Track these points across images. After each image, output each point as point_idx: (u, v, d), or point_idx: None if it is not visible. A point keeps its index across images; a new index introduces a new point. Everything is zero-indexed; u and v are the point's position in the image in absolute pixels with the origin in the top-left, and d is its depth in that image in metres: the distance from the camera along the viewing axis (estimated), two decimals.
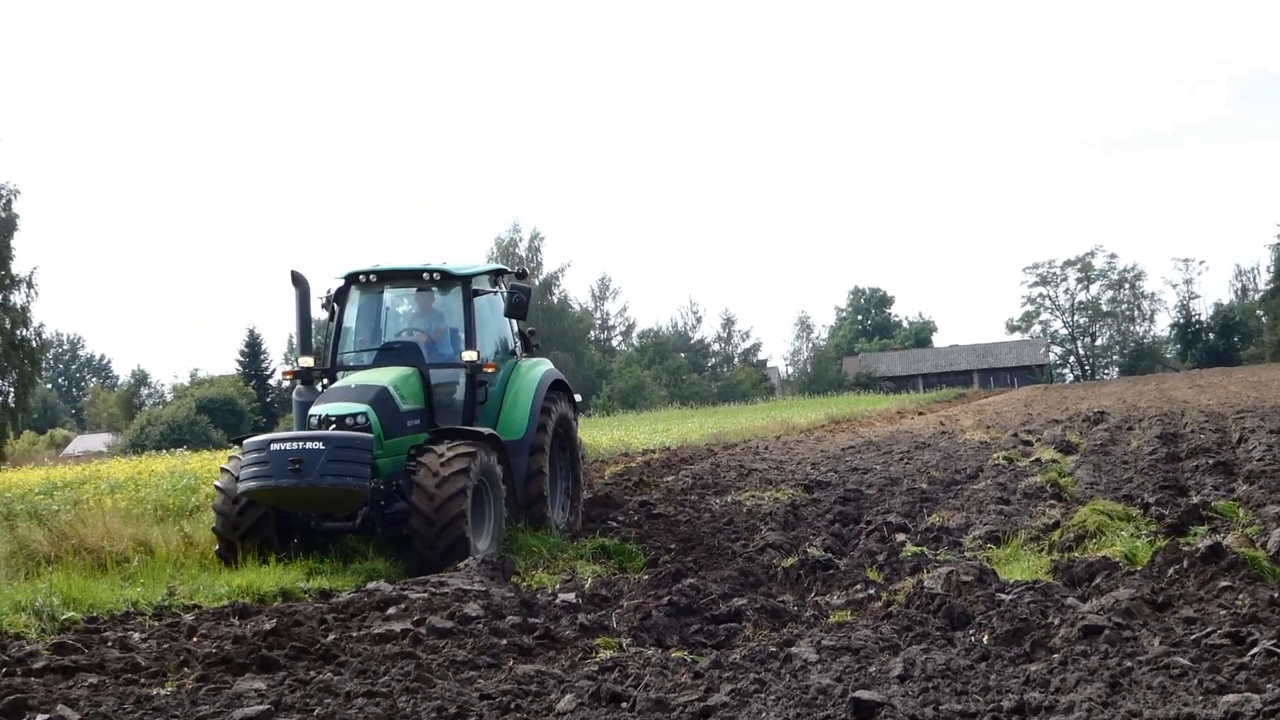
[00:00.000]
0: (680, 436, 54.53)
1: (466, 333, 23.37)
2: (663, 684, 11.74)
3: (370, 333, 24.03)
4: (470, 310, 23.43)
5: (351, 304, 23.89)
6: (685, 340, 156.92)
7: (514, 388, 24.09)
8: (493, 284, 24.59)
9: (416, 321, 24.17)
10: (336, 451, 20.52)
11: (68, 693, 12.35)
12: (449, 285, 23.73)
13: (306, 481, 20.31)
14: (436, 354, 23.56)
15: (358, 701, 11.45)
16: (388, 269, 23.83)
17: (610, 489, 31.66)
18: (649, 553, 22.22)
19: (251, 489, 20.65)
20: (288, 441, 20.61)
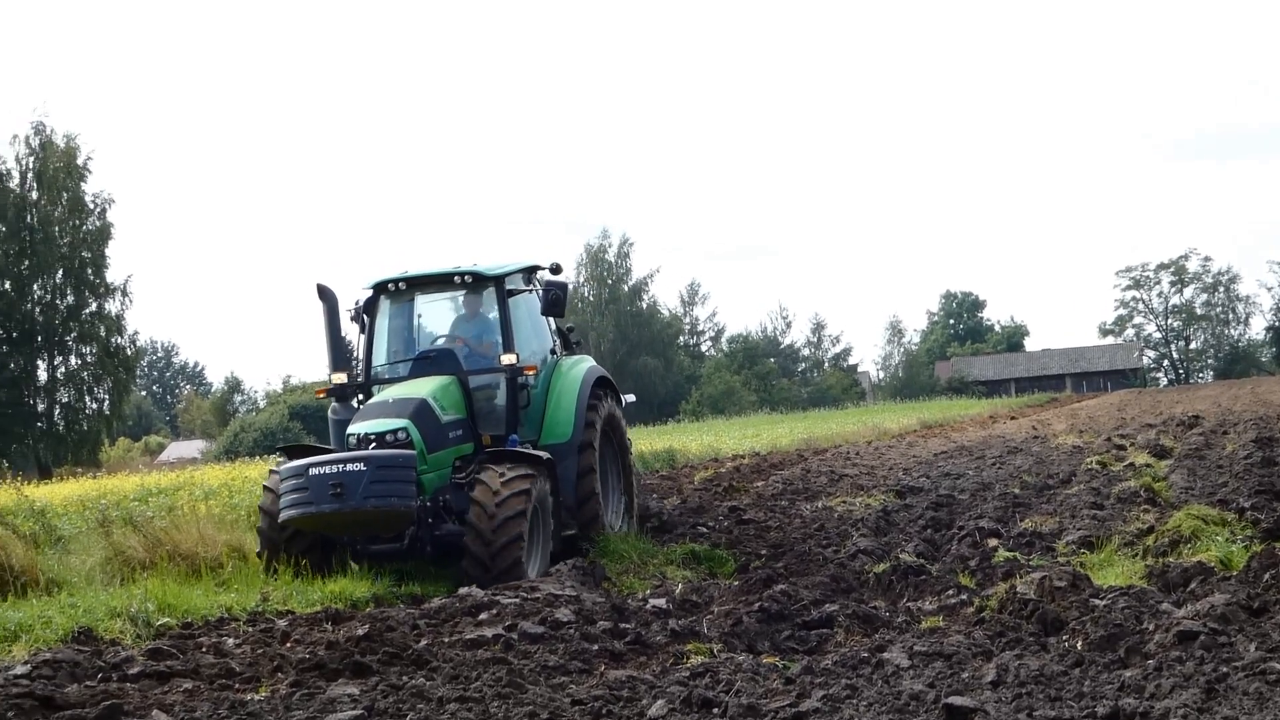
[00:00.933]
0: (770, 442, 54.47)
1: (503, 335, 22.55)
2: (754, 690, 11.71)
3: (404, 343, 23.35)
4: (506, 311, 22.62)
5: (382, 314, 23.19)
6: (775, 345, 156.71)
7: (556, 388, 23.34)
8: (526, 282, 23.74)
9: (451, 328, 23.42)
10: (379, 472, 19.69)
11: (163, 698, 12.44)
12: (481, 287, 22.97)
13: (349, 506, 19.53)
14: (474, 360, 22.75)
15: (450, 707, 11.47)
16: (417, 275, 23.08)
17: (700, 494, 31.66)
18: (739, 558, 22.20)
19: (293, 517, 19.90)
20: (327, 465, 19.77)
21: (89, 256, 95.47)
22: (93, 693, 12.51)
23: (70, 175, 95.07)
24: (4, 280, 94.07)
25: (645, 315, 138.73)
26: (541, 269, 23.93)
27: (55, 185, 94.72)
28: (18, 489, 31.10)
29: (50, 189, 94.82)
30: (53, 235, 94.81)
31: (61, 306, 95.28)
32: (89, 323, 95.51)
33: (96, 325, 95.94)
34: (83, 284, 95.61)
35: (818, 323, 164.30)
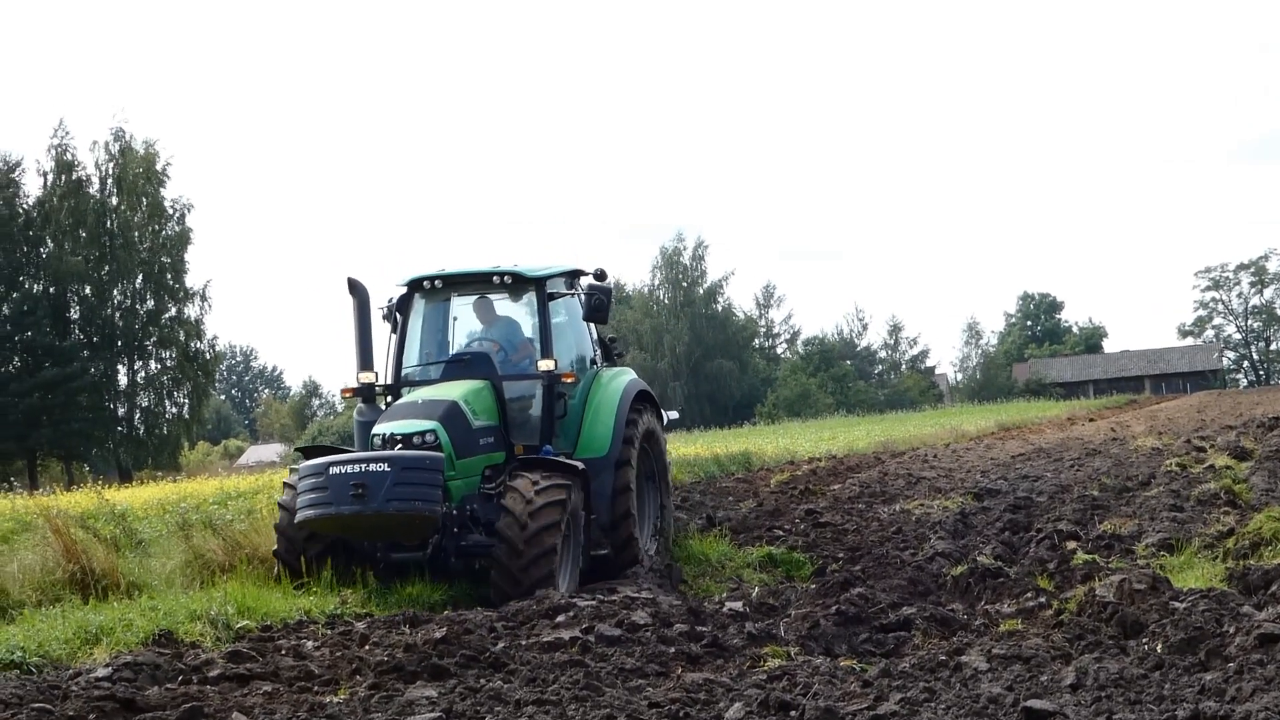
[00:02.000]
0: (847, 444, 54.33)
1: (542, 340, 21.43)
2: (831, 692, 11.69)
3: (437, 344, 22.32)
4: (546, 315, 21.52)
5: (415, 313, 22.18)
6: (851, 347, 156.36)
7: (595, 400, 22.07)
8: (569, 287, 22.43)
9: (487, 330, 22.24)
10: (404, 474, 18.64)
11: (242, 701, 12.51)
12: (521, 289, 21.93)
13: (371, 508, 18.45)
14: (510, 365, 21.72)
15: (528, 709, 11.50)
16: (454, 273, 22.06)
17: (776, 497, 31.62)
18: (816, 561, 22.16)
19: (310, 518, 18.85)
20: (349, 464, 18.77)
21: (168, 261, 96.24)
22: (173, 695, 12.60)
23: (150, 181, 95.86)
24: (85, 285, 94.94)
25: (720, 318, 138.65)
26: (585, 274, 22.80)
27: (135, 191, 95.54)
28: (99, 492, 31.29)
29: (130, 195, 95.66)
30: (132, 240, 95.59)
31: (141, 311, 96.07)
32: (168, 327, 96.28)
33: (176, 330, 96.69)
34: (162, 289, 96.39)
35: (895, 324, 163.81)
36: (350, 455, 19.22)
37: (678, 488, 34.92)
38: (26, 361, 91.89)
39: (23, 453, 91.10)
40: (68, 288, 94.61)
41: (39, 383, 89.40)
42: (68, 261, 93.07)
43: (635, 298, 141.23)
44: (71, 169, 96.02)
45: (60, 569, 19.09)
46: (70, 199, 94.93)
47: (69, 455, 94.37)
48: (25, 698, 12.42)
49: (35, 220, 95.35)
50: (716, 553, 22.76)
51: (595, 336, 23.20)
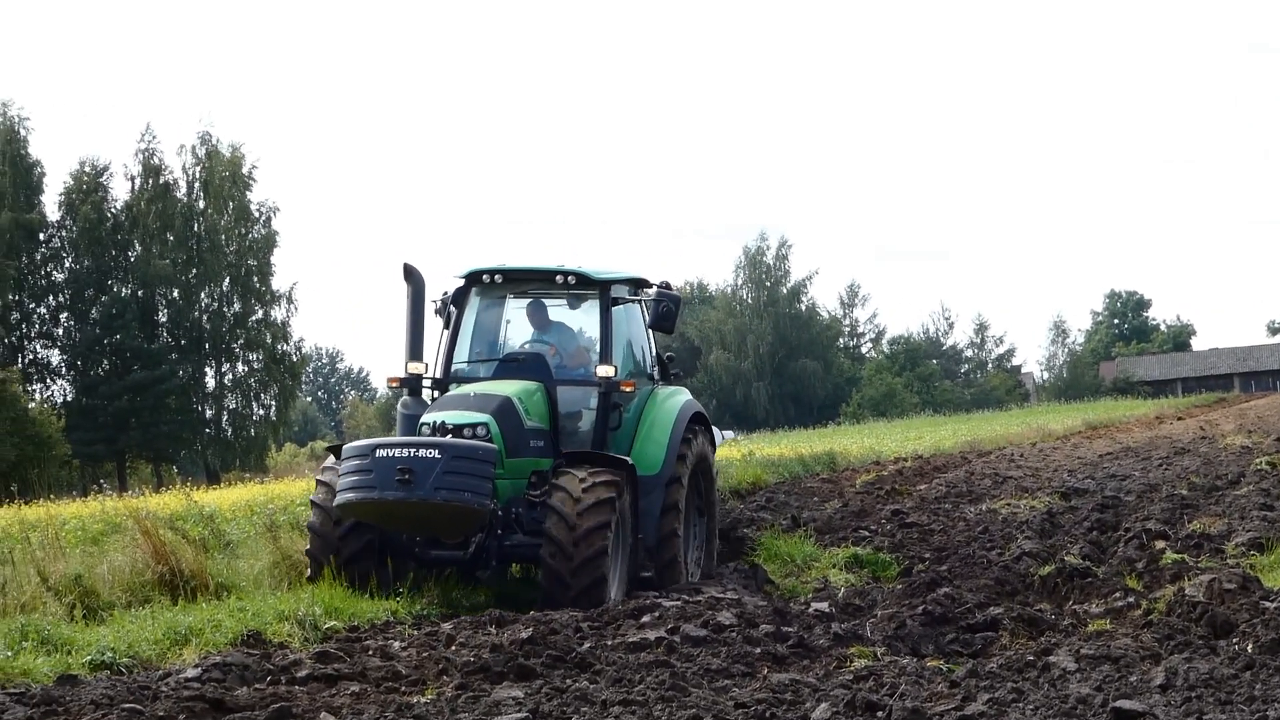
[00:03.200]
0: (933, 444, 54.14)
1: (603, 345, 20.53)
2: (919, 693, 11.65)
3: (490, 342, 21.40)
4: (608, 320, 20.60)
5: (470, 308, 21.20)
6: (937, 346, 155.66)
7: (649, 417, 20.93)
8: (631, 294, 21.39)
9: (544, 332, 21.36)
10: (455, 462, 17.87)
11: (330, 701, 12.58)
12: (584, 291, 20.96)
13: (417, 495, 17.68)
14: (565, 370, 20.87)
15: (614, 710, 11.51)
16: (515, 269, 21.17)
17: (862, 498, 31.56)
18: (903, 562, 22.09)
19: (350, 501, 18.04)
20: (397, 447, 18.06)
21: (255, 264, 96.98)
22: (262, 695, 12.68)
23: (236, 184, 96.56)
24: (173, 289, 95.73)
25: (804, 317, 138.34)
26: (649, 284, 21.71)
27: (221, 194, 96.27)
28: (187, 494, 31.50)
29: (216, 198, 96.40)
30: (219, 244, 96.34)
31: (228, 314, 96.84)
32: (255, 330, 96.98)
33: (262, 332, 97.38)
34: (249, 292, 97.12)
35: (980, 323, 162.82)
36: (399, 439, 18.54)
37: (761, 488, 34.89)
38: (115, 364, 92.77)
39: (112, 455, 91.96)
40: (156, 291, 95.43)
41: (128, 385, 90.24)
42: (155, 265, 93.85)
43: (718, 298, 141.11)
44: (159, 173, 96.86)
45: (149, 570, 19.22)
46: (158, 203, 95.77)
47: (158, 457, 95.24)
48: (116, 698, 12.52)
49: (123, 224, 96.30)
50: (802, 553, 22.73)
51: (655, 352, 22.09)
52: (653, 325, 21.36)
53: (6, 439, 72.27)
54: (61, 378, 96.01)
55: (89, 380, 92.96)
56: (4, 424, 72.81)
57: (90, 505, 32.28)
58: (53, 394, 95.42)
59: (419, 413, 19.79)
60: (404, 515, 18.15)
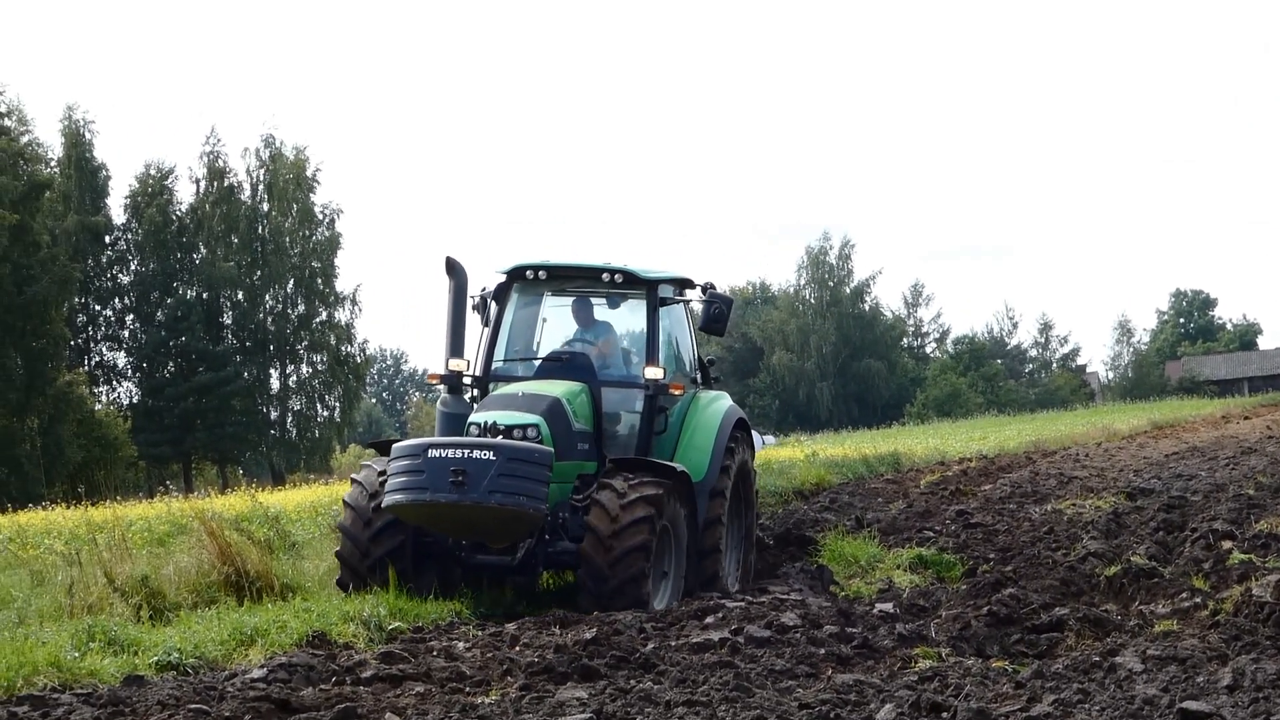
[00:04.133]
0: (997, 444, 53.93)
1: (649, 346, 19.99)
2: (984, 694, 11.62)
3: (530, 340, 20.85)
4: (655, 320, 20.08)
5: (511, 305, 20.66)
6: (1001, 346, 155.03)
7: (692, 422, 20.40)
8: (677, 294, 20.90)
9: (588, 330, 20.80)
10: (511, 464, 17.42)
11: (395, 701, 12.62)
12: (631, 290, 20.43)
13: (470, 498, 17.23)
14: (609, 371, 20.34)
15: (678, 710, 11.51)
16: (560, 265, 20.56)
17: (926, 498, 31.48)
18: (967, 562, 22.01)
19: (399, 503, 17.62)
20: (450, 448, 17.61)
21: (319, 266, 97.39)
22: (327, 696, 12.73)
23: (299, 186, 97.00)
24: (237, 290, 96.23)
25: (868, 317, 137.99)
26: (694, 285, 21.12)
27: (285, 197, 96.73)
28: (252, 495, 31.65)
29: (281, 200, 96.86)
30: (283, 246, 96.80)
31: (293, 316, 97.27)
32: (320, 331, 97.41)
33: (327, 334, 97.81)
34: (313, 293, 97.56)
35: (1045, 323, 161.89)
36: (452, 439, 18.03)
37: (825, 489, 34.84)
38: (181, 366, 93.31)
39: (178, 456, 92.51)
40: (220, 293, 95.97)
41: (193, 387, 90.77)
42: (220, 267, 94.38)
43: (780, 298, 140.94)
44: (223, 176, 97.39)
45: (215, 571, 19.31)
46: (222, 205, 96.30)
47: (223, 458, 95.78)
48: (182, 699, 12.60)
49: (188, 227, 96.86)
50: (866, 554, 22.68)
51: (697, 356, 21.61)
52: (704, 327, 20.86)
53: (74, 441, 72.83)
54: (128, 380, 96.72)
55: (155, 382, 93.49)
56: (71, 426, 73.39)
57: (156, 506, 32.49)
58: (119, 396, 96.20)
59: (459, 411, 19.49)
60: (455, 518, 17.72)
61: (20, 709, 12.30)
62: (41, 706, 12.46)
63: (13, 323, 71.94)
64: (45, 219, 79.59)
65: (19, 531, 29.19)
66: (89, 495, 39.47)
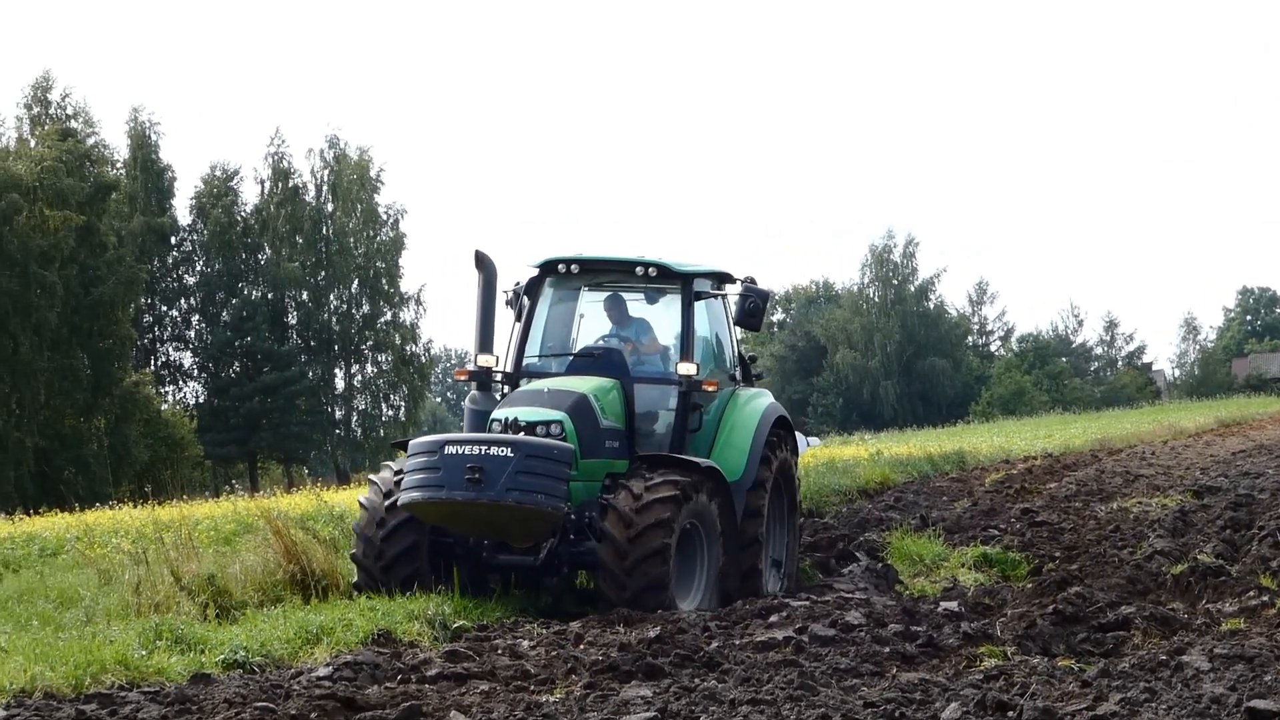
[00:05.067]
0: (1063, 442, 53.71)
1: (683, 342, 19.48)
2: (1049, 693, 11.57)
3: (564, 336, 20.41)
4: (690, 315, 19.55)
5: (544, 299, 20.20)
6: (1066, 344, 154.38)
7: (730, 420, 19.82)
8: (715, 289, 20.31)
9: (622, 326, 20.30)
10: (529, 461, 17.08)
11: (460, 699, 12.65)
12: (666, 284, 19.92)
13: (487, 496, 16.90)
14: (643, 367, 19.93)
15: (742, 709, 11.51)
16: (592, 259, 20.10)
17: (991, 496, 31.39)
18: (1032, 561, 21.92)
19: (415, 501, 17.37)
20: (467, 444, 17.29)
21: (383, 266, 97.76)
22: (392, 694, 12.78)
23: (364, 187, 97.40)
24: (302, 291, 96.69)
25: (932, 315, 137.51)
26: (733, 279, 20.51)
27: (350, 197, 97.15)
28: (317, 494, 31.78)
29: (345, 201, 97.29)
30: (348, 246, 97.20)
31: (357, 316, 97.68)
32: (384, 331, 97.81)
33: (391, 334, 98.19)
34: (377, 294, 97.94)
35: (1110, 320, 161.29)
36: (469, 435, 17.80)
37: (890, 488, 34.76)
38: (246, 366, 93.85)
39: (244, 455, 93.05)
40: (285, 293, 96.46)
41: (259, 387, 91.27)
42: (285, 268, 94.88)
43: (844, 296, 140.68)
44: (288, 176, 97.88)
45: (281, 570, 19.40)
46: (287, 206, 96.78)
47: (288, 458, 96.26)
48: (249, 697, 12.66)
49: (253, 228, 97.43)
50: (930, 553, 22.62)
51: (737, 352, 20.98)
52: (739, 322, 20.20)
53: (140, 441, 73.31)
54: (193, 380, 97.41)
55: (220, 382, 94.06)
56: (138, 426, 73.88)
57: (222, 506, 32.68)
58: (185, 396, 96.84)
59: (488, 409, 19.07)
60: (472, 517, 17.43)
61: (89, 707, 12.38)
62: (109, 704, 12.55)
63: (80, 323, 72.46)
64: (112, 220, 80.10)
65: (87, 531, 29.39)
66: (155, 495, 39.74)
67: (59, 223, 69.85)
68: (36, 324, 68.51)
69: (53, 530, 30.97)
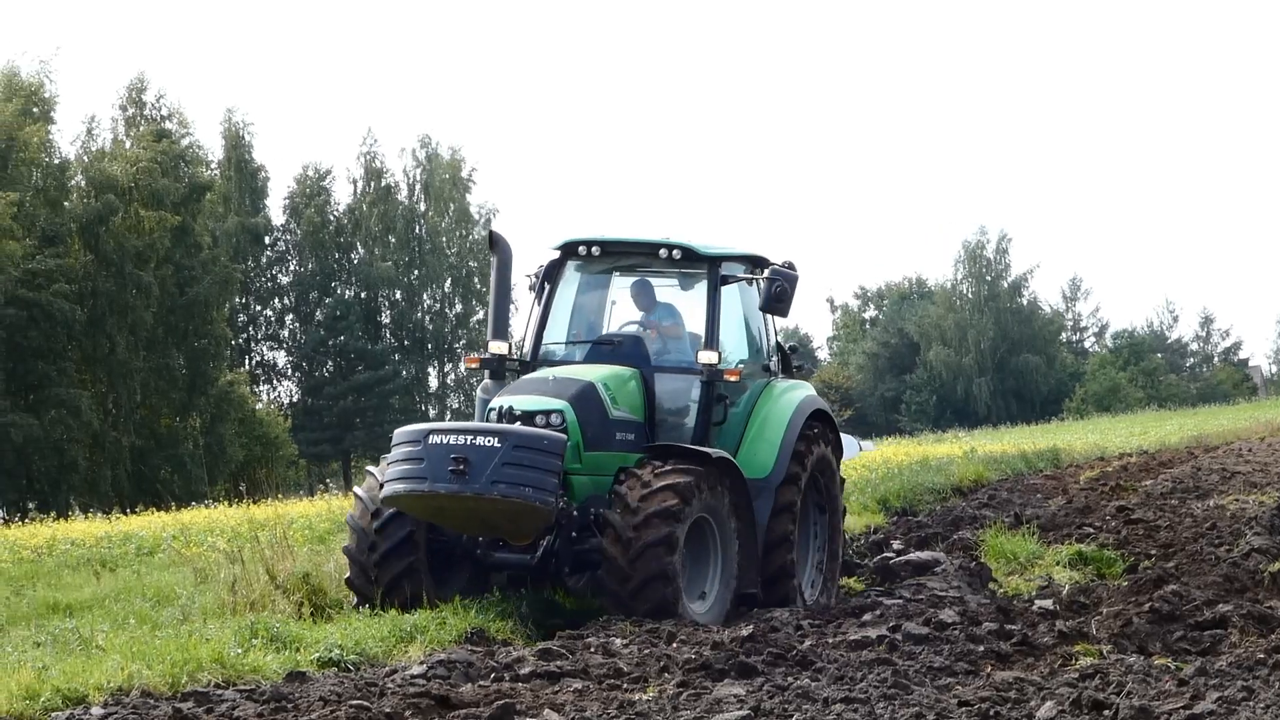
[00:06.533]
0: (1158, 439, 53.44)
1: (708, 329, 18.26)
2: (1146, 691, 11.49)
3: (585, 322, 19.28)
4: (716, 300, 18.34)
5: (565, 283, 19.16)
6: (1161, 340, 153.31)
7: (762, 412, 18.64)
8: (748, 273, 19.02)
9: (649, 313, 19.22)
10: (516, 452, 16.05)
11: (553, 698, 12.67)
12: (692, 268, 18.76)
13: (472, 490, 15.87)
14: (666, 355, 18.75)
15: (835, 707, 11.48)
16: (614, 240, 19.06)
17: (1086, 494, 31.22)
18: (1128, 558, 21.77)
19: (396, 494, 16.35)
20: (451, 434, 16.38)
21: (475, 266, 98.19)
22: (486, 692, 12.81)
23: (456, 187, 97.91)
24: (395, 290, 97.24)
25: (1026, 312, 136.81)
26: (770, 263, 18.91)
27: (442, 197, 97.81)
28: None
29: (437, 200, 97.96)
30: (440, 246, 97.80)
31: (450, 315, 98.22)
32: (477, 330, 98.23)
33: (484, 333, 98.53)
34: (470, 293, 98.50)
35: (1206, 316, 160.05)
36: (454, 425, 16.90)
37: (983, 485, 34.62)
38: (340, 365, 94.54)
39: (337, 454, 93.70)
40: (379, 292, 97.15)
41: (352, 386, 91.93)
42: (378, 267, 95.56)
43: (937, 293, 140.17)
44: (380, 176, 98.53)
45: None
46: (379, 206, 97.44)
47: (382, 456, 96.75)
48: (343, 695, 12.73)
49: (346, 227, 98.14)
50: (1025, 551, 22.50)
51: (775, 341, 19.70)
52: (764, 307, 18.76)
53: (235, 440, 73.88)
54: (288, 379, 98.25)
55: (314, 381, 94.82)
56: (232, 425, 74.46)
57: (317, 504, 32.96)
58: (279, 395, 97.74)
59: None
60: (458, 511, 16.47)
61: (185, 705, 12.48)
62: (206, 702, 12.64)
63: (175, 323, 73.07)
64: (206, 220, 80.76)
65: (183, 530, 29.69)
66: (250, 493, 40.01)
67: (154, 223, 70.45)
68: (133, 324, 69.09)
69: (149, 529, 31.27)
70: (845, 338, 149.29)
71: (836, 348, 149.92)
